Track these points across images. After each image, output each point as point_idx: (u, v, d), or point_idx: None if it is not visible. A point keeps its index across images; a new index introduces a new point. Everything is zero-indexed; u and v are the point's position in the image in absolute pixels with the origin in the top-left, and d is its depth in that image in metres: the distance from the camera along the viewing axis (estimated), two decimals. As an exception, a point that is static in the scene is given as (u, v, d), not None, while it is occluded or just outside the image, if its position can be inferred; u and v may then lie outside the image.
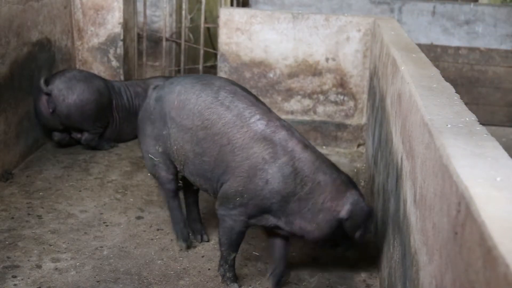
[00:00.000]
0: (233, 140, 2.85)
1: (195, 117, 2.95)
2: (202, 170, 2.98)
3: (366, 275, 3.22)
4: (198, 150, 2.95)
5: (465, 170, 1.45)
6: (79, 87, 4.62)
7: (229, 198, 2.88)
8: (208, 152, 2.92)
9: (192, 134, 2.96)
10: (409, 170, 2.27)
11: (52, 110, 4.56)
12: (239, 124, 2.87)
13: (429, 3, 7.45)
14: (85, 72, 4.86)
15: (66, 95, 4.57)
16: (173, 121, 3.03)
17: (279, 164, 2.78)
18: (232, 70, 5.31)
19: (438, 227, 1.63)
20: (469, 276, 1.26)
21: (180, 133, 3.01)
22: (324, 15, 5.20)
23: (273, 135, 2.83)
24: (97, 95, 4.70)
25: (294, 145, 2.82)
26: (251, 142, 2.83)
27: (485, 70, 6.53)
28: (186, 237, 3.35)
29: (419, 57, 3.14)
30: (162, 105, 3.11)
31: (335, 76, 5.23)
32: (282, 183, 2.77)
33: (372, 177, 3.96)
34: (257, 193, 2.80)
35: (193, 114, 2.96)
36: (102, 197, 3.99)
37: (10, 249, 3.23)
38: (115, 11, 5.33)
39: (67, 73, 4.70)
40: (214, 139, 2.90)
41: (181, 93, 3.04)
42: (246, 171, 2.81)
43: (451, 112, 2.01)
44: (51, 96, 4.54)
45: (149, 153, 3.22)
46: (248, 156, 2.81)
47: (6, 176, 4.13)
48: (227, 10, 5.36)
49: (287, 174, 2.76)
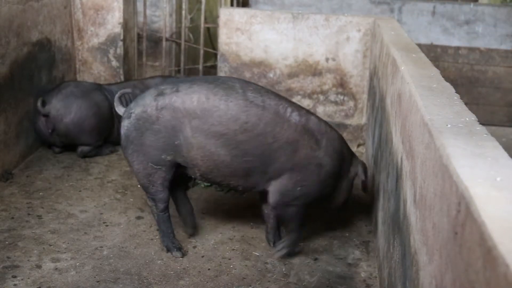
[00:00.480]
0: (279, 137, 3.05)
1: (230, 122, 3.01)
2: (241, 171, 3.10)
3: (366, 275, 3.22)
4: (238, 152, 3.05)
5: (465, 170, 1.45)
6: (76, 104, 4.54)
7: (290, 190, 3.14)
8: (251, 152, 3.05)
9: (228, 139, 3.02)
10: (409, 170, 2.27)
11: (51, 131, 4.55)
12: (279, 121, 3.06)
13: (429, 3, 7.46)
14: (81, 86, 4.72)
15: (63, 114, 4.51)
16: (197, 130, 3.02)
17: (324, 147, 3.16)
18: (232, 70, 5.31)
19: (438, 227, 1.63)
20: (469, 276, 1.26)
21: (211, 140, 3.03)
22: (324, 15, 5.20)
23: (308, 123, 3.14)
24: (95, 109, 4.63)
25: (324, 127, 3.22)
26: (295, 135, 3.08)
27: (485, 70, 6.53)
28: (179, 246, 3.32)
29: (419, 57, 3.14)
30: (173, 114, 3.04)
31: (335, 76, 5.23)
32: (331, 163, 3.19)
33: (372, 177, 3.96)
34: (314, 178, 3.14)
35: (227, 120, 3.01)
36: (102, 197, 3.99)
37: (10, 249, 3.23)
38: (115, 11, 5.33)
39: (63, 89, 4.60)
40: (258, 139, 3.03)
41: (203, 102, 3.03)
42: (300, 162, 3.09)
43: (451, 112, 2.01)
44: (49, 117, 4.51)
45: (149, 163, 3.12)
46: (297, 149, 3.09)
47: (6, 176, 4.14)
48: (227, 10, 5.36)
49: (331, 154, 3.19)
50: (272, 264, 3.26)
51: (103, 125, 4.70)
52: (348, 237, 3.64)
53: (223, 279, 3.08)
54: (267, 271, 3.18)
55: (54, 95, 4.56)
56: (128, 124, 3.15)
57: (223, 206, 3.96)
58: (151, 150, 3.11)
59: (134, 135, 3.12)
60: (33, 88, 4.60)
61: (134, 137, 3.13)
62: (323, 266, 3.28)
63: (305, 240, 3.55)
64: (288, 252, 3.31)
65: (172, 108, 3.05)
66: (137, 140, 3.12)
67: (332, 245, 3.52)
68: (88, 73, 5.47)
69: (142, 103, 3.13)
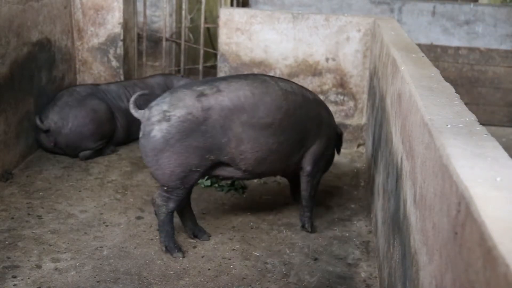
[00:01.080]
0: (309, 115, 3.49)
1: (277, 112, 3.30)
2: (286, 154, 3.42)
3: (366, 275, 3.22)
4: (284, 137, 3.35)
5: (465, 170, 1.45)
6: (71, 114, 4.55)
7: (319, 154, 3.60)
8: (293, 134, 3.40)
9: (275, 127, 3.30)
10: (409, 170, 2.27)
11: (53, 144, 4.58)
12: (306, 100, 3.50)
13: (429, 3, 7.46)
14: (75, 94, 4.69)
15: (61, 126, 4.53)
16: (246, 125, 3.21)
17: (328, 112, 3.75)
18: (232, 70, 5.31)
19: (438, 227, 1.63)
20: (469, 276, 1.26)
21: (261, 132, 3.26)
22: (324, 15, 5.20)
23: (316, 97, 3.69)
24: (92, 114, 4.62)
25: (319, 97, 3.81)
26: (317, 109, 3.58)
27: (485, 70, 6.53)
28: (180, 247, 3.32)
29: (419, 57, 3.14)
30: (221, 113, 3.14)
31: (335, 76, 5.24)
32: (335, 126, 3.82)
33: (372, 177, 3.96)
34: (332, 137, 3.73)
35: (273, 110, 3.29)
36: (102, 197, 3.99)
37: (10, 249, 3.23)
38: (115, 11, 5.33)
39: (58, 101, 4.60)
40: (296, 122, 3.39)
41: (250, 97, 3.24)
42: (325, 128, 3.62)
43: (451, 112, 2.01)
44: (50, 131, 4.54)
45: (191, 164, 3.13)
46: (321, 119, 3.60)
47: (6, 176, 4.14)
48: (227, 10, 5.36)
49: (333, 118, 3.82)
50: (272, 264, 3.26)
51: (102, 129, 4.68)
52: (348, 237, 3.64)
53: (223, 279, 3.08)
54: (267, 271, 3.18)
55: (50, 109, 4.58)
56: (168, 127, 3.09)
57: (223, 206, 3.96)
58: (196, 151, 3.13)
59: (177, 137, 3.09)
60: (33, 88, 4.61)
61: (176, 140, 3.09)
62: (323, 266, 3.28)
63: (305, 240, 3.56)
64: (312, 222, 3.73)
65: (219, 107, 3.15)
66: (180, 142, 3.09)
67: (332, 245, 3.52)
68: (88, 73, 5.47)
69: (183, 105, 3.11)
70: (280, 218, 3.84)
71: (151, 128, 3.11)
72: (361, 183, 4.50)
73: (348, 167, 4.85)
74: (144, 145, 3.15)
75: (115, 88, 4.98)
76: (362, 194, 4.30)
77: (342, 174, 4.69)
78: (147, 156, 3.16)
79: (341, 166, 4.86)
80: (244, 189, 4.22)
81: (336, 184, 4.48)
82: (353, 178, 4.63)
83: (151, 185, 4.20)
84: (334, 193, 4.31)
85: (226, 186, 4.21)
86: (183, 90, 3.19)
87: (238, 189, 4.19)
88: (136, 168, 4.53)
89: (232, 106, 3.16)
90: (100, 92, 4.85)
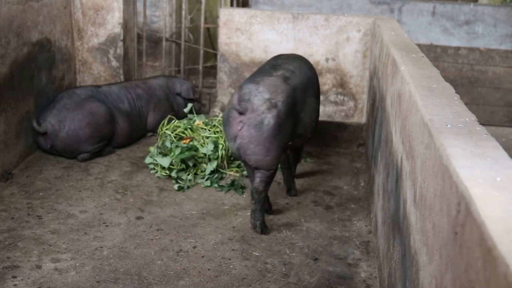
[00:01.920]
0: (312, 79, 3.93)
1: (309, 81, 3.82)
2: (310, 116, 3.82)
3: (366, 275, 3.22)
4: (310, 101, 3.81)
5: (465, 170, 1.45)
6: (69, 117, 4.53)
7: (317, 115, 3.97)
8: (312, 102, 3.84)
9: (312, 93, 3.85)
10: (409, 170, 2.27)
11: (50, 146, 4.57)
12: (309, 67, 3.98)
13: (429, 3, 7.46)
14: (75, 96, 4.67)
15: (58, 129, 4.51)
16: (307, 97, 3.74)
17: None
18: (232, 70, 5.31)
19: (438, 227, 1.63)
20: (469, 276, 1.26)
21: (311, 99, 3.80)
22: (324, 15, 5.20)
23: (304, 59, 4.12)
24: (90, 117, 4.59)
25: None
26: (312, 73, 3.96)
27: (485, 70, 6.53)
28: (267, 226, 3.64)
29: (419, 57, 3.14)
30: (300, 91, 3.63)
31: (335, 76, 5.23)
32: None
33: (372, 177, 3.97)
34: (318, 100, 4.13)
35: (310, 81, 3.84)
36: (102, 197, 3.99)
37: (10, 249, 3.23)
38: (115, 11, 5.33)
39: (57, 104, 4.59)
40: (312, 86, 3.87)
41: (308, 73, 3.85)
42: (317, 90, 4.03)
43: (451, 112, 2.01)
44: (47, 134, 4.52)
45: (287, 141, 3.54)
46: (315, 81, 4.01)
47: (6, 176, 4.14)
48: (227, 10, 5.36)
49: None
50: (272, 264, 3.26)
51: (99, 132, 4.65)
52: (348, 237, 3.64)
53: (223, 279, 3.08)
54: (267, 271, 3.18)
55: (49, 111, 4.56)
56: (278, 112, 3.39)
57: (223, 206, 3.96)
58: (290, 129, 3.53)
59: (285, 121, 3.45)
60: (33, 88, 4.61)
61: (284, 123, 3.45)
62: (323, 266, 3.28)
63: (305, 240, 3.56)
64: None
65: (301, 86, 3.65)
66: (286, 124, 3.47)
67: (332, 245, 3.52)
68: (88, 73, 5.47)
69: (280, 90, 3.45)
70: (280, 218, 3.84)
71: (263, 117, 3.36)
72: (361, 183, 4.50)
73: (348, 167, 4.85)
74: (256, 136, 3.36)
75: (116, 90, 4.96)
76: (362, 194, 4.30)
77: (342, 174, 4.69)
78: (258, 145, 3.37)
79: (341, 166, 4.86)
80: (244, 189, 4.22)
81: (336, 184, 4.48)
82: (353, 178, 4.63)
83: (151, 185, 4.20)
84: (334, 193, 4.31)
85: (226, 186, 4.21)
86: (267, 78, 3.49)
87: (238, 189, 4.19)
88: (136, 168, 4.53)
89: (305, 83, 3.71)
90: (100, 94, 4.83)
